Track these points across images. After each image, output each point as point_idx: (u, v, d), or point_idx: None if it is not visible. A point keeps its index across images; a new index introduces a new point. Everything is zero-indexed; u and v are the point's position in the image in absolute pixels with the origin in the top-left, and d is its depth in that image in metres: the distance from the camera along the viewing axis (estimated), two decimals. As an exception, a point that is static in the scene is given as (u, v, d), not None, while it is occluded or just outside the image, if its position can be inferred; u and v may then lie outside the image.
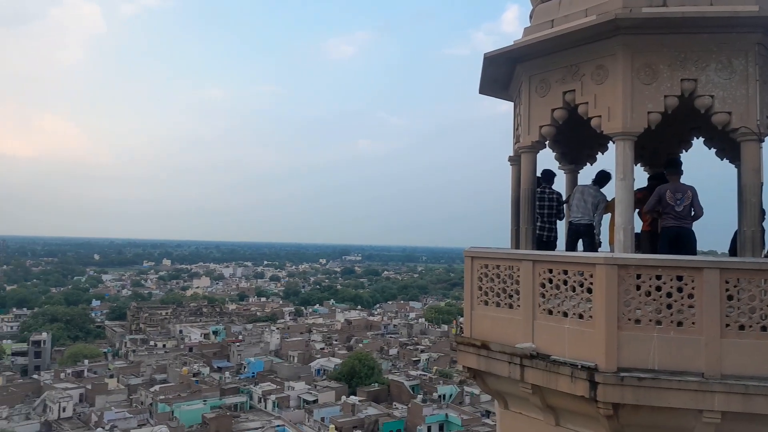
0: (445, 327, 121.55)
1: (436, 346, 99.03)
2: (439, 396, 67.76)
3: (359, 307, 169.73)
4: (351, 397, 65.89)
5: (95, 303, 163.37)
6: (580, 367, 6.12)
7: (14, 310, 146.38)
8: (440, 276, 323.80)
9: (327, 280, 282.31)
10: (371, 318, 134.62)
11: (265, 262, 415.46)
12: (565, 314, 6.47)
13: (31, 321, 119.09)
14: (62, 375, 78.10)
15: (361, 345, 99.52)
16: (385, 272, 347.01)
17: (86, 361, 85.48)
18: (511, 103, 9.24)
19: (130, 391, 72.10)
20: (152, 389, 69.72)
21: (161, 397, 65.39)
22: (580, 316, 6.34)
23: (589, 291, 6.26)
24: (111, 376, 77.09)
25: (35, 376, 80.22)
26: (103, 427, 54.79)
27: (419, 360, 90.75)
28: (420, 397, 64.10)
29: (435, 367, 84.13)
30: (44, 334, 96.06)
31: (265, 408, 66.90)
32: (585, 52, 7.12)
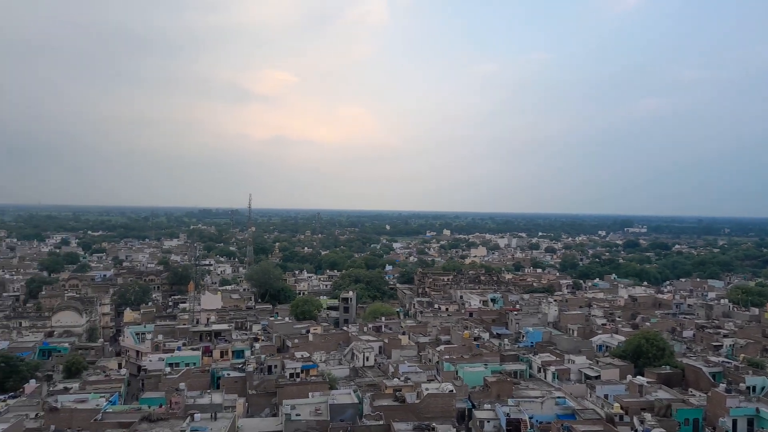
0: (755, 310, 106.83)
1: (743, 331, 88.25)
2: (748, 387, 59.02)
3: (645, 283, 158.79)
4: (638, 377, 61.75)
5: (388, 267, 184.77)
6: None
7: (327, 271, 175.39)
8: (748, 251, 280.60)
9: (607, 254, 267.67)
10: (660, 296, 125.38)
11: (540, 234, 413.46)
12: None
13: (340, 281, 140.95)
14: (365, 329, 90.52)
15: (648, 324, 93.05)
16: (677, 246, 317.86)
17: (383, 318, 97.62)
18: None
19: (419, 348, 79.89)
20: (438, 348, 75.97)
21: (446, 356, 70.89)
22: None
23: None
24: (403, 333, 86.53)
25: (344, 328, 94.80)
26: (399, 378, 61.85)
27: (721, 345, 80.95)
28: (723, 386, 56.49)
29: (742, 355, 74.01)
30: (351, 293, 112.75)
31: (545, 378, 67.09)
32: None
